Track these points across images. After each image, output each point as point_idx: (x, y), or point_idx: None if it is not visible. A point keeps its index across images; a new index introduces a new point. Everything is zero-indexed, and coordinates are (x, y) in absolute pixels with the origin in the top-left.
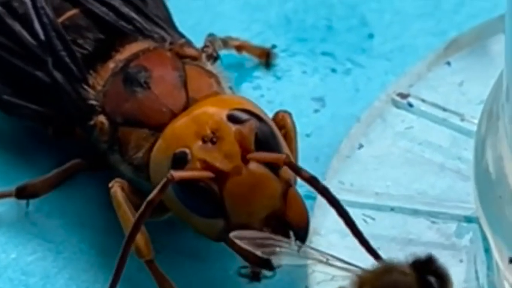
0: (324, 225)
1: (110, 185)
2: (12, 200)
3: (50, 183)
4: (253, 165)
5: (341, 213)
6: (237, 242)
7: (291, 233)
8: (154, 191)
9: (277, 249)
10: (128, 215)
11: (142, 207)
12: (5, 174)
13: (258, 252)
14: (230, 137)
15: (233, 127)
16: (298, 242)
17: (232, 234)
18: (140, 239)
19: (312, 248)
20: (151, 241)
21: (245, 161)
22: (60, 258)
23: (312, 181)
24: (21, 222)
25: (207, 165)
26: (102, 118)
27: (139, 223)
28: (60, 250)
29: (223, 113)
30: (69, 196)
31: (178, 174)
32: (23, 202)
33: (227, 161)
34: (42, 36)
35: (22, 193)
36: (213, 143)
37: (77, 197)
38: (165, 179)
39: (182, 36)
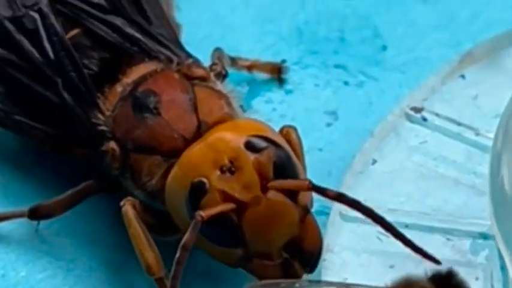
0: (337, 242)
1: (122, 203)
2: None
3: (63, 204)
4: (272, 194)
5: (378, 221)
6: None
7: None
8: (187, 234)
9: (297, 285)
10: (138, 233)
11: (178, 252)
12: (15, 192)
13: None
14: (249, 167)
15: (251, 156)
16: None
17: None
18: (151, 256)
19: (329, 283)
20: (162, 259)
21: (264, 189)
22: (71, 276)
23: (340, 198)
24: (31, 240)
25: (226, 196)
26: (113, 144)
27: (178, 271)
28: (71, 268)
29: (240, 141)
30: (79, 214)
31: (207, 213)
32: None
33: (246, 192)
34: (51, 55)
35: (35, 214)
36: (232, 172)
37: (88, 214)
38: (194, 221)
39: (189, 55)
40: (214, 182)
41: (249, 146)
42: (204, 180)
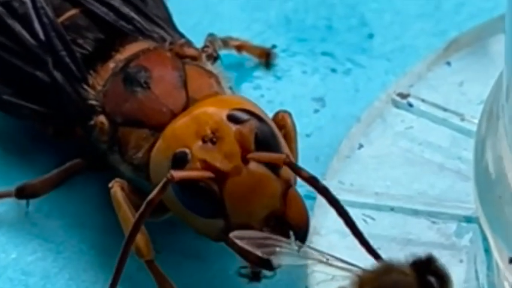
0: (324, 225)
1: (110, 185)
2: (12, 200)
3: (49, 183)
4: (253, 165)
5: (341, 213)
6: (237, 242)
7: (291, 233)
8: (154, 191)
9: (278, 249)
10: (128, 215)
11: (142, 207)
12: (6, 174)
13: (258, 253)
14: (230, 137)
15: (233, 127)
16: (298, 242)
17: (232, 235)
18: (140, 239)
19: (312, 248)
20: (151, 241)
21: (245, 161)
22: (60, 258)
23: (312, 181)
24: (21, 222)
25: (207, 165)
26: (102, 118)
27: (139, 223)
28: (60, 250)
29: (223, 113)
30: (69, 196)
31: (178, 174)
32: (23, 202)
33: (227, 161)
34: (42, 36)
35: (22, 193)
36: (213, 143)
37: (77, 197)
38: (165, 179)
39: (182, 36)
40: (195, 151)
41: (231, 118)
42: (186, 150)
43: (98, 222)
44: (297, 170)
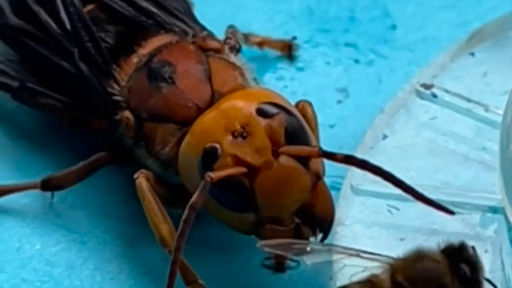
0: (349, 215)
1: (135, 176)
2: (36, 192)
3: (75, 175)
4: (283, 159)
5: (388, 178)
6: (267, 249)
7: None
8: (196, 194)
9: (308, 248)
10: (152, 205)
11: (185, 212)
12: (29, 166)
13: (289, 255)
14: (260, 132)
15: (263, 121)
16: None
17: (259, 244)
18: (165, 229)
19: (341, 247)
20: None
21: (275, 155)
22: (85, 249)
23: (350, 160)
24: (45, 213)
25: (238, 161)
26: (127, 114)
27: (184, 230)
28: (85, 241)
29: (252, 107)
30: (93, 187)
31: (216, 174)
32: (48, 193)
33: (258, 156)
34: (68, 26)
35: (47, 185)
36: (244, 137)
37: (101, 187)
38: (203, 182)
39: (204, 28)
40: (226, 147)
41: (261, 112)
42: (216, 145)
43: (123, 212)
44: (332, 156)
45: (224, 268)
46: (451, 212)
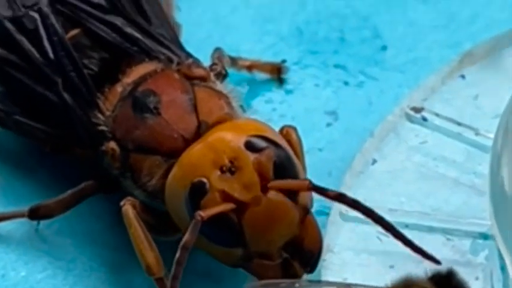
0: (337, 242)
1: (122, 203)
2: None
3: (63, 204)
4: (272, 194)
5: (377, 221)
6: None
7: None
8: (187, 234)
9: (297, 285)
10: (139, 233)
11: (178, 253)
12: (16, 193)
13: None
14: (249, 167)
15: (251, 156)
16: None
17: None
18: (151, 256)
19: (329, 282)
20: (162, 259)
21: (264, 189)
22: (71, 276)
23: (340, 198)
24: (31, 239)
25: (226, 196)
26: (113, 144)
27: (178, 271)
28: (71, 268)
29: (240, 141)
30: (79, 214)
31: (206, 213)
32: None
33: (246, 192)
34: (51, 55)
35: (35, 214)
36: (232, 172)
37: (88, 214)
38: (194, 221)
39: (189, 55)
40: (214, 182)
41: (249, 146)
42: (204, 180)
43: (109, 239)
44: (323, 192)
45: None
46: (437, 262)
